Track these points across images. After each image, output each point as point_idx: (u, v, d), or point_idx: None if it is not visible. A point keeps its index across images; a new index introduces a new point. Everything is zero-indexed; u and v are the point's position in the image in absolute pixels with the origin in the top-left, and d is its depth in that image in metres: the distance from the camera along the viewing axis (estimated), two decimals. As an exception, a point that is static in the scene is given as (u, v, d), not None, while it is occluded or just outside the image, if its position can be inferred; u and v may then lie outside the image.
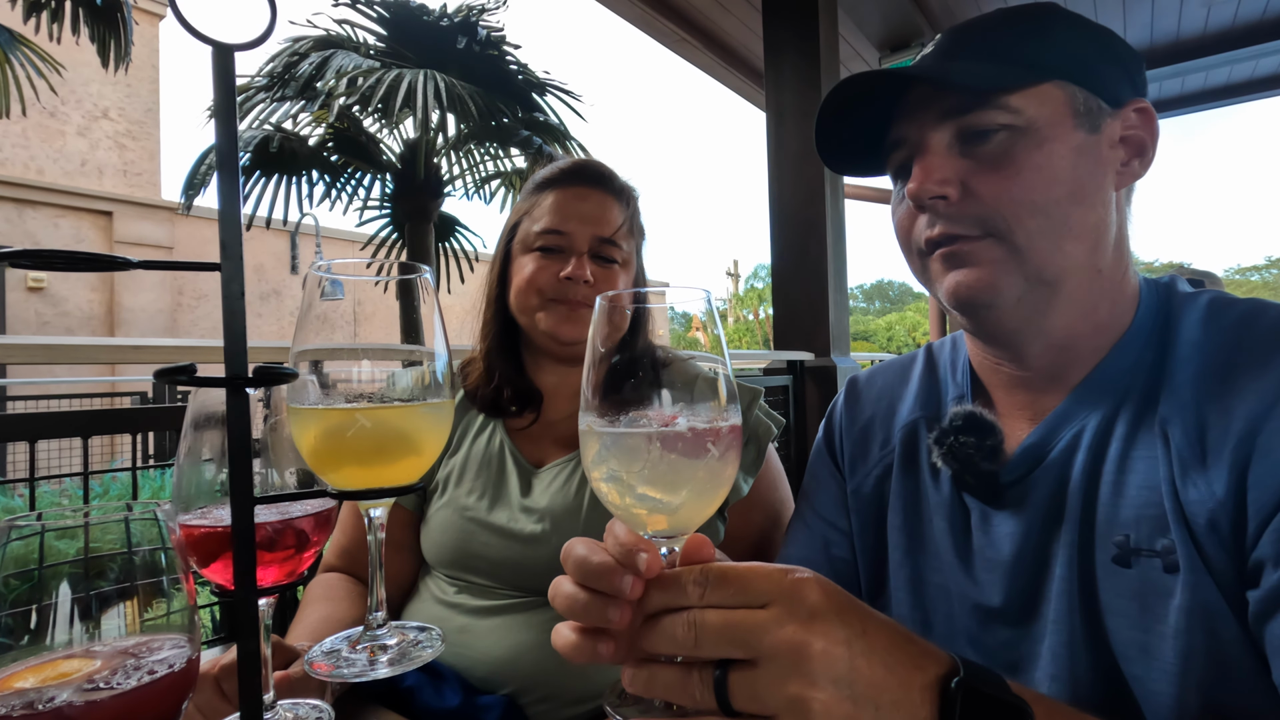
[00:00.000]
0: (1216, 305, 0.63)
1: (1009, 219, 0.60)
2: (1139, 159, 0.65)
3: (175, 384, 0.37)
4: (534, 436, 1.07)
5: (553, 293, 1.01)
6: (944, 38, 0.67)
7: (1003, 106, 0.61)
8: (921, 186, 0.62)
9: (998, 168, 0.61)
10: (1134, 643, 0.56)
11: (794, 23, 3.34)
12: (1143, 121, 0.65)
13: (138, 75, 10.75)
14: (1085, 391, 0.64)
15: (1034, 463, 0.65)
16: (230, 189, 0.37)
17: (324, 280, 0.49)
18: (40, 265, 0.35)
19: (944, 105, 0.63)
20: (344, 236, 12.81)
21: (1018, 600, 0.64)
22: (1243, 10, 4.13)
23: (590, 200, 1.04)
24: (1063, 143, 0.61)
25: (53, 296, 9.63)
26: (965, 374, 0.76)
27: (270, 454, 0.57)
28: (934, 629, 0.68)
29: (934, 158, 0.63)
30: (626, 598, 0.44)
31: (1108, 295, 0.64)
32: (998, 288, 0.62)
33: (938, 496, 0.71)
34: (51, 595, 0.40)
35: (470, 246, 7.75)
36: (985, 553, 0.66)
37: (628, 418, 0.45)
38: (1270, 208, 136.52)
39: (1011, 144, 0.61)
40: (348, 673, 0.46)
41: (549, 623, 0.93)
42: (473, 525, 0.98)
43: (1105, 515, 0.59)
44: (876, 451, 0.79)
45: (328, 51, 6.38)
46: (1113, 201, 0.63)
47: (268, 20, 0.38)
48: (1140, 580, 0.56)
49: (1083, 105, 0.62)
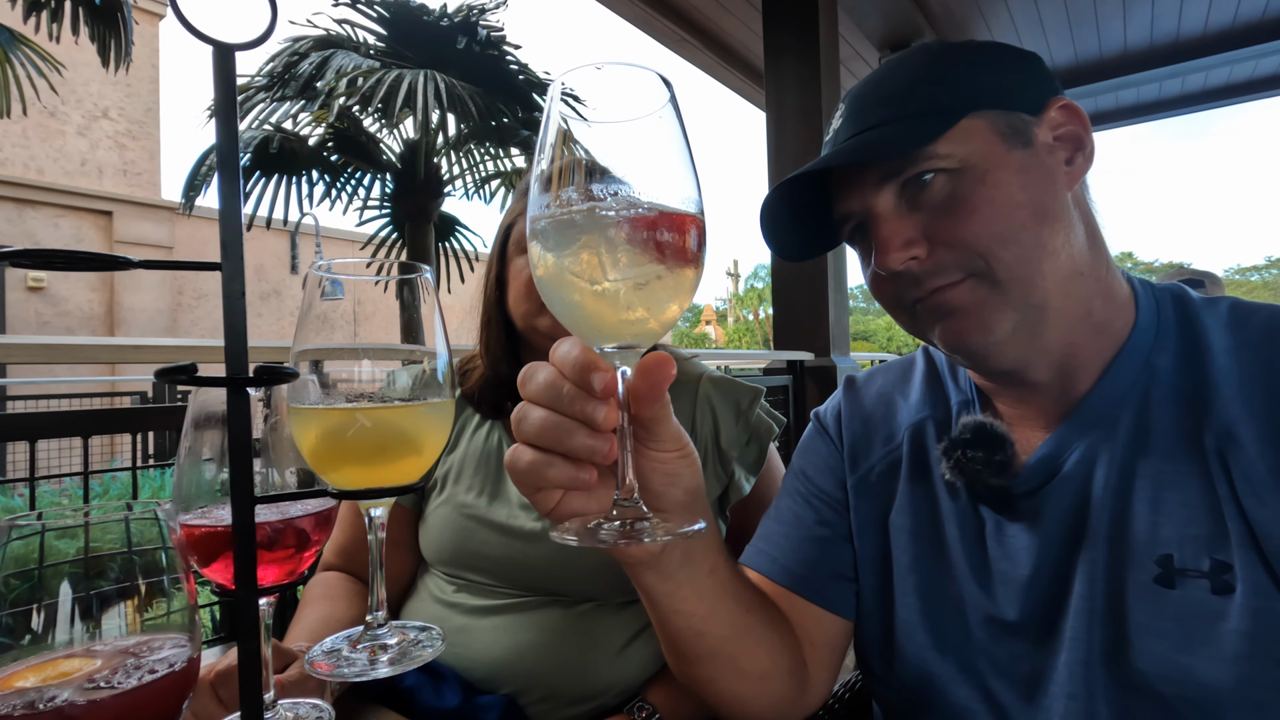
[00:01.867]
0: (1240, 311, 0.62)
1: (985, 256, 0.59)
2: (1080, 153, 0.64)
3: (176, 383, 0.37)
4: None
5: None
6: (846, 107, 0.67)
7: (932, 156, 0.60)
8: (889, 257, 0.62)
9: (952, 212, 0.60)
10: (1176, 665, 0.54)
11: (794, 23, 3.34)
12: (1069, 116, 0.64)
13: (138, 75, 10.75)
14: (1096, 402, 0.63)
15: (1048, 475, 0.63)
16: (231, 189, 0.37)
17: (324, 280, 0.49)
18: (40, 265, 0.35)
19: (876, 174, 0.63)
20: (344, 236, 12.82)
21: (1034, 615, 0.62)
22: (1242, 10, 4.13)
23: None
24: (1003, 168, 0.60)
25: (53, 296, 9.63)
26: (969, 379, 0.74)
27: (271, 453, 0.57)
28: (947, 638, 0.67)
29: (888, 224, 0.62)
30: (600, 427, 0.45)
31: (1098, 293, 0.63)
32: (989, 326, 0.61)
33: (950, 504, 0.69)
34: (52, 595, 0.40)
35: (470, 246, 7.75)
36: (1000, 565, 0.65)
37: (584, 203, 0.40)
38: (1270, 208, 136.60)
39: (955, 185, 0.60)
40: (348, 672, 0.46)
41: (549, 622, 0.93)
42: (472, 523, 0.98)
43: (1143, 533, 0.57)
44: (880, 447, 0.77)
45: (328, 51, 6.39)
46: (1070, 203, 0.62)
47: (268, 20, 0.38)
48: (1184, 601, 0.54)
49: (1006, 126, 0.61)
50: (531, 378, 0.48)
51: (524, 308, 1.01)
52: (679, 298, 0.43)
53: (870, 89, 0.67)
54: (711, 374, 1.07)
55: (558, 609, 0.94)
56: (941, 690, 0.66)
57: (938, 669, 0.66)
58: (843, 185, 0.67)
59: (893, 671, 0.71)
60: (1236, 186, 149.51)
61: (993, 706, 0.63)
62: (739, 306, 47.32)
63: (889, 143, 0.61)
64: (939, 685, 0.66)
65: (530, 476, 0.48)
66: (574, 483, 0.47)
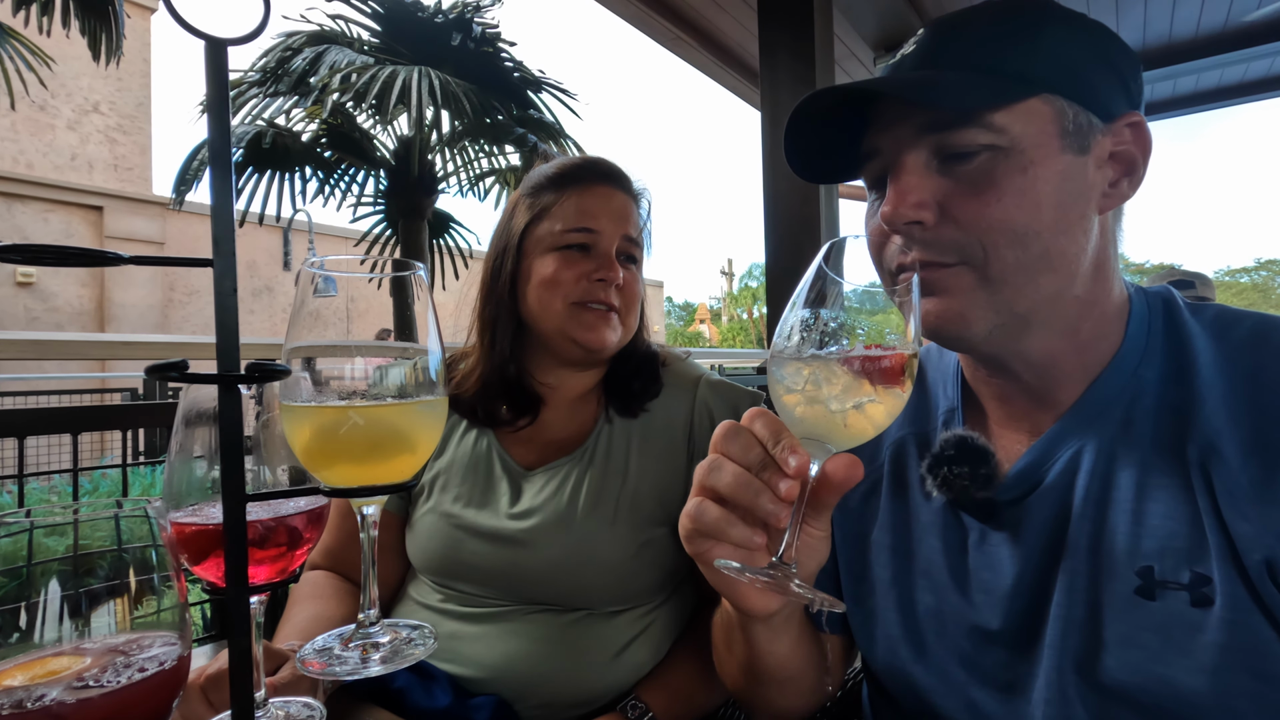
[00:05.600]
0: (1225, 320, 0.60)
1: (985, 247, 0.57)
2: (1128, 178, 0.60)
3: (167, 380, 0.37)
4: (525, 439, 1.05)
5: (579, 295, 0.98)
6: (926, 36, 0.62)
7: (985, 125, 0.56)
8: (896, 211, 0.58)
9: (977, 191, 0.57)
10: (1154, 675, 0.53)
11: (789, 23, 3.34)
12: (1135, 137, 0.60)
13: (129, 69, 10.68)
14: (1080, 412, 0.61)
15: (1031, 485, 0.63)
16: (223, 184, 0.37)
17: (317, 277, 0.49)
18: (30, 260, 0.34)
19: (922, 119, 0.58)
20: (337, 233, 12.75)
21: (1017, 624, 0.62)
22: (1234, 14, 4.16)
23: (616, 199, 1.03)
24: (1048, 166, 0.56)
25: (42, 292, 9.55)
26: (956, 385, 0.73)
27: (262, 451, 0.57)
28: (927, 648, 0.67)
29: (910, 177, 0.59)
30: (783, 497, 0.51)
31: (1088, 316, 0.61)
32: (967, 320, 0.59)
33: (931, 516, 0.69)
34: (40, 592, 0.39)
35: (464, 243, 7.73)
36: (982, 574, 0.64)
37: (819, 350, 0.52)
38: (1260, 210, 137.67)
39: (993, 165, 0.56)
40: (340, 670, 0.46)
41: (540, 630, 0.92)
42: (460, 532, 0.96)
43: (1124, 545, 0.56)
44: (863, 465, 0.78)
45: (321, 47, 6.35)
46: (1095, 226, 0.59)
47: (261, 15, 0.38)
48: (1164, 613, 0.54)
49: (1072, 123, 0.57)
50: (734, 436, 0.54)
51: (548, 306, 0.99)
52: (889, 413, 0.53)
53: (959, 22, 0.60)
54: (710, 377, 1.07)
55: (549, 616, 0.94)
56: (926, 700, 0.66)
57: (921, 680, 0.67)
58: (883, 117, 0.62)
59: (880, 681, 0.73)
60: (1227, 189, 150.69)
61: (975, 715, 0.63)
62: (733, 305, 47.34)
63: (948, 92, 0.56)
64: (923, 696, 0.67)
65: (714, 529, 0.54)
66: (748, 543, 0.53)
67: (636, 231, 1.04)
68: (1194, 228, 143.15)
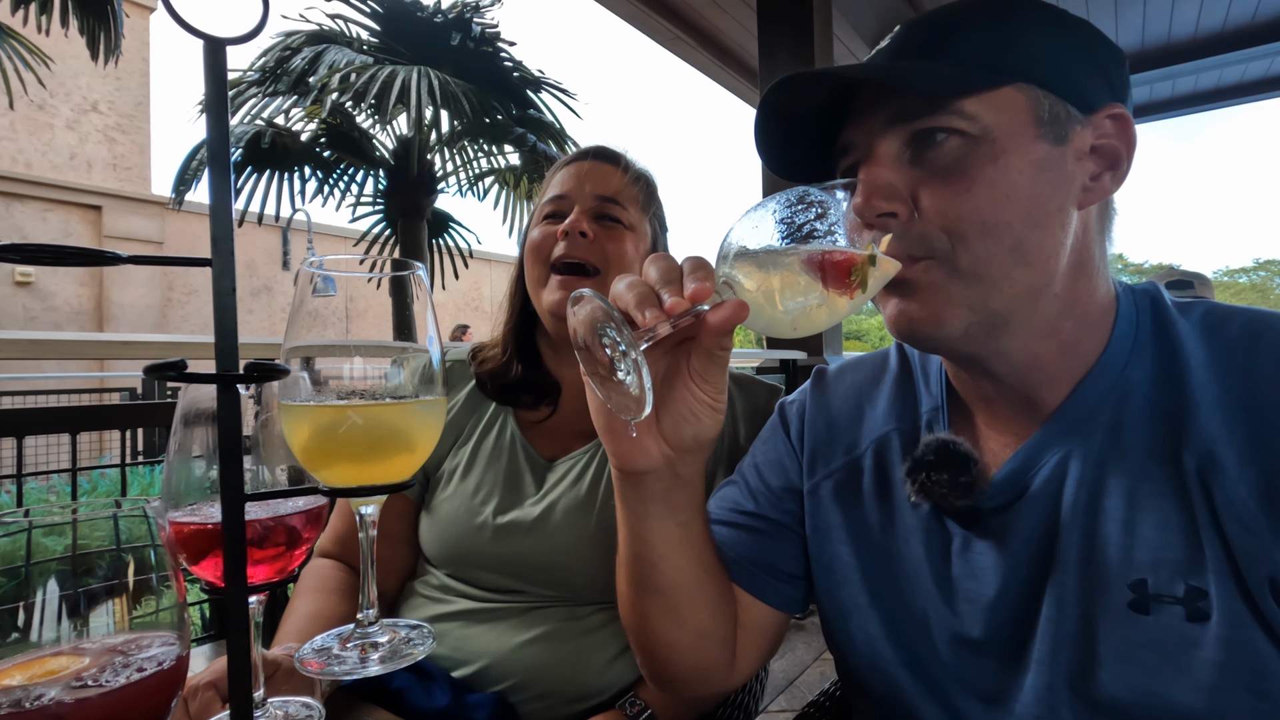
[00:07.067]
0: (1215, 318, 0.58)
1: (953, 238, 0.55)
2: (1111, 172, 0.58)
3: (165, 380, 0.37)
4: (549, 430, 1.05)
5: (546, 255, 0.98)
6: (900, 31, 0.61)
7: (956, 112, 0.54)
8: (868, 203, 0.56)
9: (947, 180, 0.55)
10: (1149, 692, 0.52)
11: (788, 22, 3.35)
12: (1118, 130, 0.58)
13: (128, 68, 10.66)
14: (1066, 416, 0.59)
15: (1016, 492, 0.60)
16: (222, 184, 0.37)
17: (316, 276, 0.49)
18: (28, 259, 0.34)
19: (893, 109, 0.57)
20: (336, 233, 12.74)
21: (1001, 635, 0.60)
22: (1233, 14, 4.16)
23: (591, 167, 1.03)
24: (1021, 156, 0.54)
25: (41, 291, 9.54)
26: (940, 383, 0.71)
27: (261, 451, 0.57)
28: (913, 654, 0.65)
29: (881, 169, 0.57)
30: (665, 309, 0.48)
31: (1069, 316, 0.59)
32: (940, 320, 0.57)
33: (914, 520, 0.67)
34: (39, 592, 0.39)
35: (464, 243, 7.73)
36: (966, 584, 0.62)
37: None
38: (1258, 210, 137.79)
39: (964, 154, 0.55)
40: (338, 670, 0.46)
41: (550, 624, 0.93)
42: (478, 525, 0.96)
43: (1116, 556, 0.54)
44: (841, 455, 0.74)
45: (320, 47, 6.35)
46: (1074, 221, 0.57)
47: (260, 14, 0.38)
48: (1159, 628, 0.52)
49: (1048, 112, 0.55)
50: (663, 259, 0.53)
51: (531, 276, 1.01)
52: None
53: (934, 18, 0.59)
54: (733, 372, 1.08)
55: (560, 610, 0.94)
56: (908, 705, 0.65)
57: (905, 684, 0.65)
58: (855, 113, 0.61)
59: (861, 682, 0.70)
60: (1226, 189, 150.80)
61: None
62: (732, 305, 47.25)
63: (918, 78, 0.55)
64: (906, 700, 0.65)
65: (621, 291, 0.51)
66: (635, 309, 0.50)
67: (615, 191, 1.01)
68: (1193, 228, 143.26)
